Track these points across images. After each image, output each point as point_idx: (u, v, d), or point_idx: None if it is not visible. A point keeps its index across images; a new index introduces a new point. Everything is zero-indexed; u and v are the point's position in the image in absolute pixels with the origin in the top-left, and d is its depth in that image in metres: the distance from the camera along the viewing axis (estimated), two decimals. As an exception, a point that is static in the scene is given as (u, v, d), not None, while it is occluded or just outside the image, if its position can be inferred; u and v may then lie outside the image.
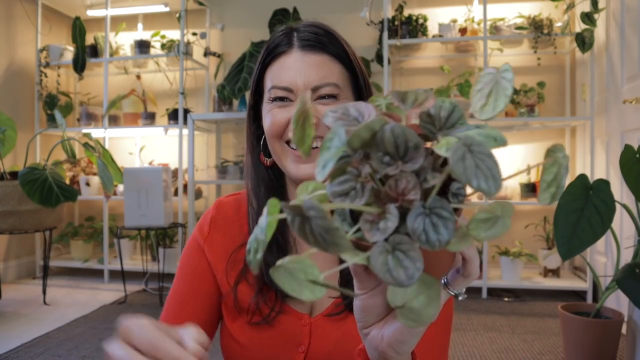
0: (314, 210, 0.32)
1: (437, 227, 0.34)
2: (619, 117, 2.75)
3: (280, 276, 0.35)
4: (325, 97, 0.76)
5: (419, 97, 0.39)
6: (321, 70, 0.77)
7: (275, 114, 0.77)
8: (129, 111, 3.86)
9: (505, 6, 3.58)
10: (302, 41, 0.78)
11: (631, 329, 2.03)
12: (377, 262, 0.34)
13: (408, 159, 0.35)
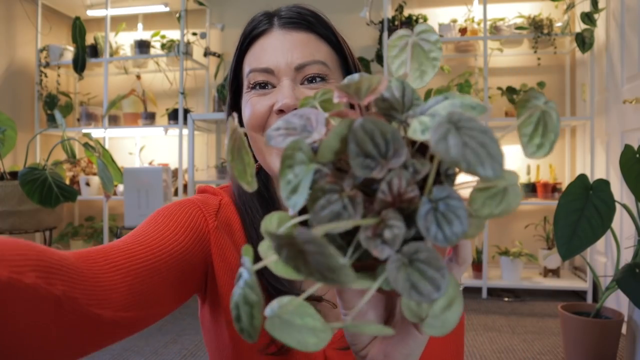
0: (313, 244, 0.26)
1: (450, 220, 0.29)
2: (619, 117, 2.75)
3: (277, 329, 0.30)
4: (313, 80, 0.66)
5: (373, 81, 0.33)
6: (306, 48, 0.67)
7: (255, 102, 0.67)
8: (129, 111, 3.86)
9: (505, 6, 3.58)
10: (284, 19, 0.68)
11: (631, 329, 2.03)
12: (398, 281, 0.29)
13: (391, 154, 0.30)
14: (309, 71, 0.66)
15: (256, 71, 0.67)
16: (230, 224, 0.71)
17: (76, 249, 3.21)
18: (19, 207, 2.77)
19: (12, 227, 2.80)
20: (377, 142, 0.30)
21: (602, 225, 1.98)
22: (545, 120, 0.33)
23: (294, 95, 0.64)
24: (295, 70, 0.66)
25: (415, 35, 0.36)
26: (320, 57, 0.67)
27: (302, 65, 0.66)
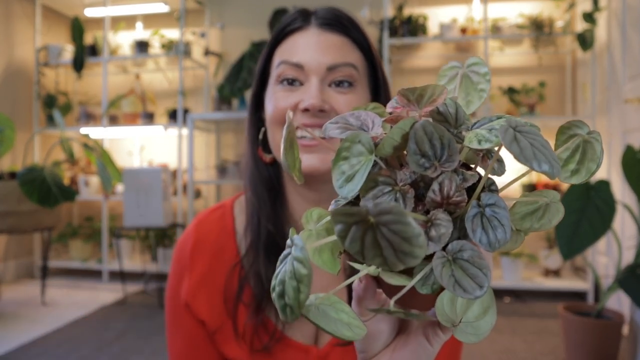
0: (392, 213, 0.26)
1: (495, 226, 0.31)
2: (620, 116, 2.73)
3: (315, 316, 0.33)
4: (340, 84, 0.67)
5: (436, 91, 0.35)
6: (340, 50, 0.67)
7: (280, 98, 0.67)
8: (128, 111, 3.85)
9: (506, 5, 3.56)
10: (321, 19, 0.69)
11: (632, 330, 2.02)
12: (442, 276, 0.30)
13: (445, 158, 0.32)
14: (340, 73, 0.67)
15: (287, 64, 0.67)
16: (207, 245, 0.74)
17: (75, 249, 3.20)
18: (18, 207, 2.76)
19: (11, 227, 2.79)
20: (435, 144, 0.32)
21: (603, 225, 1.97)
22: (585, 148, 0.35)
23: (320, 96, 0.65)
24: (327, 70, 0.66)
25: (466, 67, 0.38)
26: (352, 61, 0.68)
27: (334, 66, 0.66)
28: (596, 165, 0.34)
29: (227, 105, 3.61)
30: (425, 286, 0.33)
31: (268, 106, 0.70)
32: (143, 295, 3.30)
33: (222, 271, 0.72)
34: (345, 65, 0.67)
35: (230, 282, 0.72)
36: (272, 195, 0.73)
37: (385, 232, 0.26)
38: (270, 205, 0.72)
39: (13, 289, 3.43)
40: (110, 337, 2.49)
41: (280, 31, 0.70)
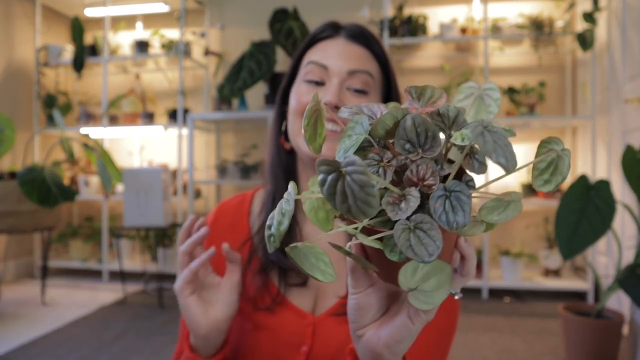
0: (354, 165, 0.33)
1: (456, 209, 0.36)
2: (620, 116, 2.73)
3: (296, 255, 0.40)
4: (357, 91, 0.77)
5: (435, 93, 0.42)
6: (361, 60, 0.79)
7: (303, 93, 0.78)
8: (128, 111, 3.85)
9: (506, 5, 3.56)
10: (349, 31, 0.81)
11: (632, 330, 2.02)
12: (399, 238, 0.36)
13: (428, 147, 0.38)
14: (358, 79, 0.77)
15: (315, 64, 0.78)
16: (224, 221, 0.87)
17: (75, 249, 3.20)
18: (18, 207, 2.76)
19: (11, 227, 2.79)
20: (420, 133, 0.38)
21: (603, 225, 1.97)
22: (558, 163, 0.40)
23: (338, 95, 0.75)
24: (347, 74, 0.77)
25: (482, 89, 0.44)
26: (370, 69, 0.79)
27: (354, 70, 0.77)
28: (562, 178, 0.40)
29: (227, 105, 3.61)
30: (393, 253, 0.39)
31: (292, 99, 0.80)
32: (143, 295, 3.30)
33: (233, 244, 0.83)
34: (364, 72, 0.78)
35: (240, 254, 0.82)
36: (288, 178, 0.83)
37: (349, 180, 0.33)
38: (285, 187, 0.81)
39: (13, 289, 3.43)
40: (110, 337, 2.49)
41: (312, 37, 0.83)
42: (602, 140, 3.03)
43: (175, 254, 3.61)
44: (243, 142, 3.93)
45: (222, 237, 0.84)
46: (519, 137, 3.57)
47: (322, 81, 0.78)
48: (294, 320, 0.76)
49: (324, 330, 0.75)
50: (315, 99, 0.43)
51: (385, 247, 0.39)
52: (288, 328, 0.76)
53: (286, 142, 0.85)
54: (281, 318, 0.77)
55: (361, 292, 0.46)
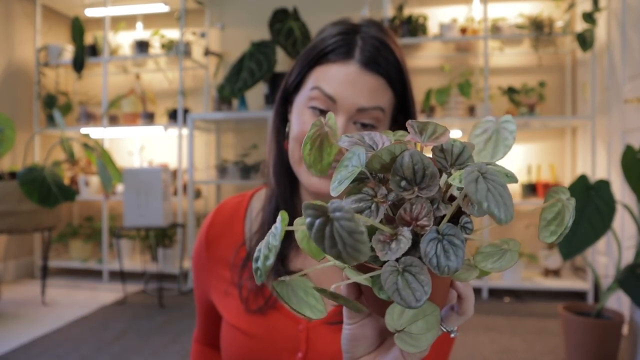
0: (342, 211, 0.32)
1: (448, 254, 0.35)
2: (620, 116, 2.74)
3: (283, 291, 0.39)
4: (364, 125, 0.72)
5: (437, 129, 0.40)
6: (373, 94, 0.71)
7: (307, 122, 0.72)
8: (128, 111, 3.85)
9: (505, 5, 3.57)
10: (364, 57, 0.71)
11: (632, 330, 2.02)
12: (386, 281, 0.35)
13: (424, 185, 0.37)
14: (367, 115, 0.71)
15: (322, 91, 0.71)
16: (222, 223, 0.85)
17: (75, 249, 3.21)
18: (18, 207, 2.76)
19: (11, 227, 2.79)
20: (417, 172, 0.37)
21: (603, 225, 1.97)
22: (564, 214, 0.39)
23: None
24: (357, 110, 0.71)
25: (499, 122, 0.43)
26: (382, 104, 0.72)
27: (364, 108, 0.71)
28: (566, 229, 0.39)
29: (227, 105, 3.61)
30: (382, 292, 0.37)
31: (294, 124, 0.75)
32: (143, 295, 3.30)
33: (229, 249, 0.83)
34: (375, 109, 0.71)
35: (236, 260, 0.82)
36: (290, 182, 0.80)
37: (337, 226, 0.32)
38: (287, 191, 0.80)
39: (13, 289, 3.43)
40: (110, 337, 2.49)
41: (323, 52, 0.73)
42: (602, 140, 3.03)
43: (174, 254, 3.62)
44: (243, 142, 3.93)
45: (220, 238, 0.84)
46: (519, 137, 3.57)
47: (328, 110, 0.71)
48: (288, 325, 0.75)
49: (319, 337, 0.74)
50: (317, 123, 0.42)
51: (374, 285, 0.38)
52: (282, 333, 0.74)
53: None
54: (274, 322, 0.75)
55: (356, 323, 0.45)
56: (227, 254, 0.83)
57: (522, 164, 3.50)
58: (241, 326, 0.77)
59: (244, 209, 0.85)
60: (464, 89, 3.25)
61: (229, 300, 0.80)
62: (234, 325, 0.78)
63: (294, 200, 0.81)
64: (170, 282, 3.53)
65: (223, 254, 0.83)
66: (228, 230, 0.85)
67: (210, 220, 0.86)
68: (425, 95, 3.38)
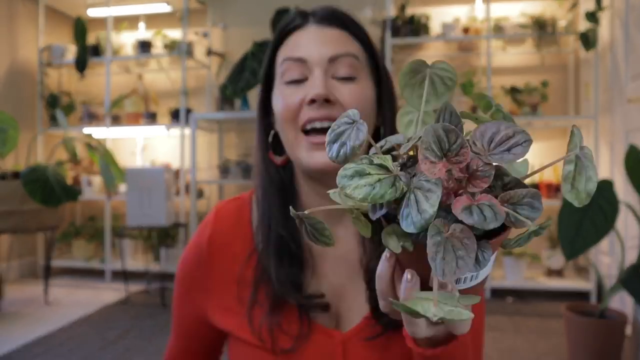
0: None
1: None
2: (623, 116, 2.73)
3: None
4: (344, 79, 0.68)
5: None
6: (339, 42, 0.69)
7: (287, 95, 0.68)
8: (131, 111, 3.86)
9: (508, 5, 3.56)
10: (319, 16, 0.71)
11: (635, 330, 2.02)
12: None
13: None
14: (341, 64, 0.68)
15: (290, 60, 0.69)
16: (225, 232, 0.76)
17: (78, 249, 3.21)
18: (21, 207, 2.76)
19: (15, 227, 2.80)
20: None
21: (606, 225, 1.96)
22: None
23: (324, 85, 0.66)
24: (329, 61, 0.68)
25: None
26: (352, 50, 0.70)
27: (335, 56, 0.68)
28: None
29: (230, 105, 3.62)
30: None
31: (277, 106, 0.71)
32: (146, 294, 3.31)
33: (236, 261, 0.74)
34: (346, 55, 0.69)
35: (244, 274, 0.73)
36: (283, 197, 0.74)
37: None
38: (280, 209, 0.73)
39: (16, 289, 3.44)
40: (112, 337, 2.50)
41: (280, 32, 0.73)
42: (605, 140, 3.02)
43: (177, 254, 3.62)
44: (245, 142, 3.93)
45: (226, 248, 0.75)
46: (521, 137, 3.56)
47: (304, 77, 0.68)
48: (322, 341, 0.68)
49: (357, 349, 0.68)
50: None
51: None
52: (317, 352, 0.68)
53: (276, 156, 0.75)
54: (308, 345, 0.68)
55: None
56: (234, 268, 0.74)
57: (523, 163, 3.49)
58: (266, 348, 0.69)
59: (248, 214, 0.77)
60: (466, 88, 3.24)
61: (241, 319, 0.71)
62: (253, 344, 0.69)
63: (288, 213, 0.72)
64: (172, 281, 3.52)
65: (229, 268, 0.74)
66: (234, 240, 0.76)
67: (212, 229, 0.76)
68: (427, 95, 3.37)
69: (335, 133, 0.42)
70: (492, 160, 0.37)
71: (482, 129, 0.38)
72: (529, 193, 0.37)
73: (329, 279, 0.72)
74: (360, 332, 0.68)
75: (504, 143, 0.37)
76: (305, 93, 0.67)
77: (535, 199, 0.37)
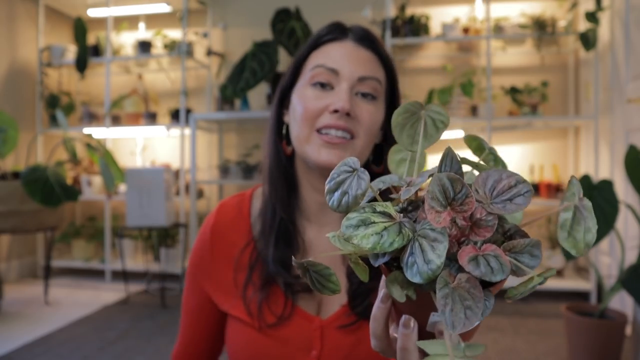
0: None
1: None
2: (623, 116, 2.73)
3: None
4: (366, 96, 0.76)
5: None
6: (370, 64, 0.77)
7: (311, 99, 0.75)
8: (131, 111, 3.86)
9: (508, 5, 3.56)
10: (357, 35, 0.79)
11: (635, 331, 2.02)
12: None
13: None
14: (367, 85, 0.76)
15: (323, 67, 0.75)
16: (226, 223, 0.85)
17: (78, 249, 3.21)
18: (21, 207, 2.76)
19: (14, 227, 2.80)
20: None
21: (606, 226, 1.96)
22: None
23: (349, 101, 0.74)
24: (358, 80, 0.75)
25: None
26: (379, 76, 0.77)
27: (364, 77, 0.76)
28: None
29: (230, 105, 3.62)
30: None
31: (297, 105, 0.77)
32: (145, 295, 3.31)
33: (234, 248, 0.82)
34: (373, 79, 0.76)
35: (241, 259, 0.81)
36: (287, 184, 0.82)
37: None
38: (285, 194, 0.81)
39: (16, 289, 3.44)
40: (112, 337, 2.50)
41: (318, 38, 0.79)
42: (605, 140, 3.02)
43: (177, 254, 3.62)
44: (245, 142, 3.93)
45: (226, 237, 0.83)
46: (521, 137, 3.56)
47: (330, 84, 0.76)
48: (303, 325, 0.76)
49: (332, 334, 0.75)
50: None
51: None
52: (297, 334, 0.76)
53: (287, 146, 0.82)
54: (290, 326, 0.76)
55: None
56: (232, 253, 0.82)
57: (524, 164, 3.50)
58: (254, 324, 0.78)
59: (247, 208, 0.85)
60: (466, 88, 3.24)
61: (236, 301, 0.80)
62: (244, 321, 0.78)
63: (290, 199, 0.82)
64: (172, 282, 3.53)
65: (228, 254, 0.82)
66: (233, 229, 0.84)
67: (214, 220, 0.85)
68: (427, 95, 3.37)
69: (336, 182, 0.41)
70: (494, 209, 0.37)
71: (484, 177, 0.39)
72: (530, 242, 0.38)
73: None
74: (337, 320, 0.76)
75: (505, 192, 0.38)
76: (330, 101, 0.74)
77: (535, 247, 0.38)
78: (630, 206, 2.07)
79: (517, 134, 3.54)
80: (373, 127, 0.76)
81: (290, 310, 0.76)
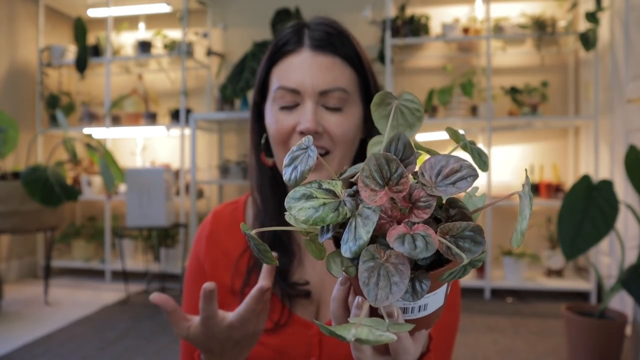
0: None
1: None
2: (623, 116, 2.73)
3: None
4: (332, 109, 0.74)
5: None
6: (331, 73, 0.73)
7: (281, 120, 0.74)
8: (131, 111, 3.86)
9: (508, 5, 3.56)
10: (313, 40, 0.74)
11: (635, 331, 2.02)
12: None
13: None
14: (331, 98, 0.73)
15: (284, 89, 0.74)
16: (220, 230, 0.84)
17: (78, 249, 3.20)
18: (21, 207, 2.76)
19: (14, 227, 2.80)
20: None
21: (606, 226, 1.97)
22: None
23: (314, 119, 0.72)
24: (319, 94, 0.73)
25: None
26: (343, 84, 0.74)
27: (325, 91, 0.73)
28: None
29: (230, 105, 3.62)
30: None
31: (270, 123, 0.76)
32: (145, 295, 3.31)
33: (231, 255, 0.82)
34: (336, 90, 0.73)
35: (239, 266, 0.80)
36: (277, 194, 0.81)
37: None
38: (275, 205, 0.80)
39: (16, 289, 3.44)
40: (112, 337, 2.50)
41: (276, 51, 0.76)
42: (605, 140, 3.02)
43: (177, 254, 3.62)
44: (245, 142, 3.93)
45: (221, 245, 0.83)
46: (521, 137, 3.56)
47: (295, 104, 0.74)
48: (300, 332, 0.75)
49: (331, 341, 0.75)
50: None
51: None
52: (295, 341, 0.75)
53: (267, 158, 0.81)
54: (287, 333, 0.75)
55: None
56: (228, 261, 0.81)
57: (524, 164, 3.50)
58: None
59: (242, 215, 0.85)
60: (466, 89, 3.24)
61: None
62: None
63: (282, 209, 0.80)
64: (172, 282, 3.53)
65: (224, 261, 0.82)
66: (228, 237, 0.83)
67: (209, 229, 0.84)
68: (427, 95, 3.37)
69: (291, 157, 0.43)
70: (437, 192, 0.38)
71: (432, 161, 0.40)
72: (468, 226, 0.38)
73: (312, 271, 0.80)
74: None
75: (450, 176, 0.38)
76: (297, 120, 0.73)
77: (477, 232, 0.38)
78: (630, 206, 2.07)
79: (517, 134, 3.54)
80: (346, 135, 0.74)
81: (287, 317, 0.76)
